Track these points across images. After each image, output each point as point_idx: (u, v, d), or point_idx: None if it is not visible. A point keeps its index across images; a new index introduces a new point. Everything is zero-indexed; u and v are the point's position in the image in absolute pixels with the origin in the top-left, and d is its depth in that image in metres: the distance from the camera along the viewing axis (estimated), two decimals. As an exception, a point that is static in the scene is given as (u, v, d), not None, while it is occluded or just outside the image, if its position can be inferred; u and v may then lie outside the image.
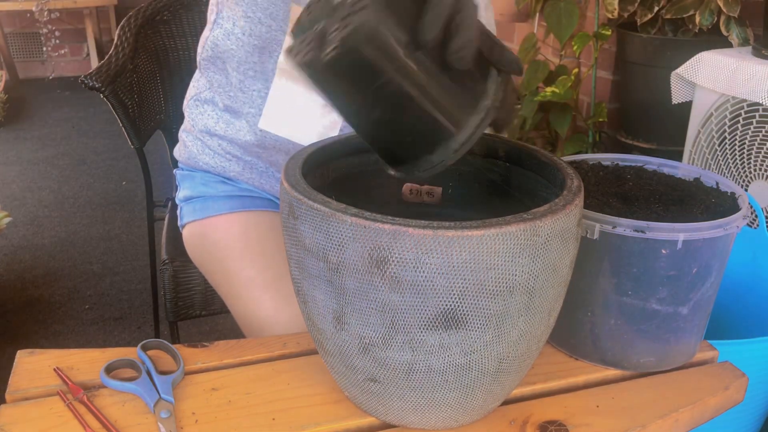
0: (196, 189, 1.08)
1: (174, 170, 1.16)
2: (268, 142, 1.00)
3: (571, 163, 0.85)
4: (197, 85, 1.09)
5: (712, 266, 0.73)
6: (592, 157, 0.87)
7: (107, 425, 0.66)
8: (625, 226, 0.69)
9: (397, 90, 0.54)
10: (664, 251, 0.70)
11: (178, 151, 1.13)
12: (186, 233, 1.10)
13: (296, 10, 0.90)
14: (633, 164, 0.87)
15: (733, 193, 0.79)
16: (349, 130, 0.98)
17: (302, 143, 0.98)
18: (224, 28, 0.98)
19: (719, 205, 0.77)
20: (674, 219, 0.73)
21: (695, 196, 0.79)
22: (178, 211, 1.12)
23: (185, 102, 1.12)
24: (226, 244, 1.02)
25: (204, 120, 1.05)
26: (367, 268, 0.57)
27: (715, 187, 0.81)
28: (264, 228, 1.03)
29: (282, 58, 0.95)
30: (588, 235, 0.71)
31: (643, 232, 0.69)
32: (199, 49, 1.07)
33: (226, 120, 1.03)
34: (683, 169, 0.85)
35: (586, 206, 0.72)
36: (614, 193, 0.79)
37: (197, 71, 1.11)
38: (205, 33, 1.03)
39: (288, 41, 0.94)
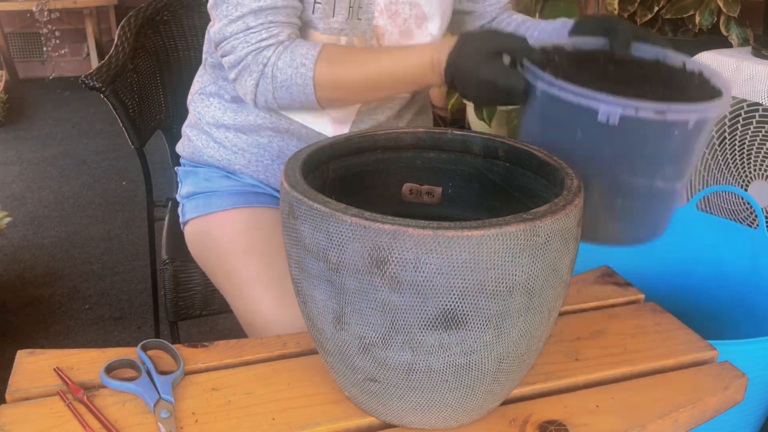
0: (199, 185, 1.08)
1: (175, 168, 1.16)
2: (282, 126, 1.01)
3: (544, 53, 0.83)
4: (201, 80, 1.09)
5: (701, 144, 0.76)
6: (552, 43, 0.88)
7: (107, 425, 0.66)
8: (648, 109, 0.70)
9: None
10: (676, 132, 0.72)
11: (181, 147, 1.13)
12: (188, 230, 1.09)
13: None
14: (595, 47, 0.88)
15: (701, 72, 0.82)
16: (362, 125, 1.00)
17: (316, 129, 1.00)
18: None
19: (693, 85, 0.80)
20: (668, 100, 0.73)
21: (678, 79, 0.81)
22: (179, 209, 1.12)
23: (189, 97, 1.12)
24: (229, 240, 1.02)
25: (211, 112, 1.06)
26: (367, 268, 0.57)
27: (682, 66, 0.84)
28: (267, 225, 1.03)
29: None
30: (607, 121, 0.71)
31: (663, 114, 0.70)
32: (206, 47, 1.08)
33: (234, 109, 1.04)
34: (645, 50, 0.88)
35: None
36: (602, 78, 0.80)
37: (201, 68, 1.11)
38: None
39: None
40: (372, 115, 1.04)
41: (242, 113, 1.03)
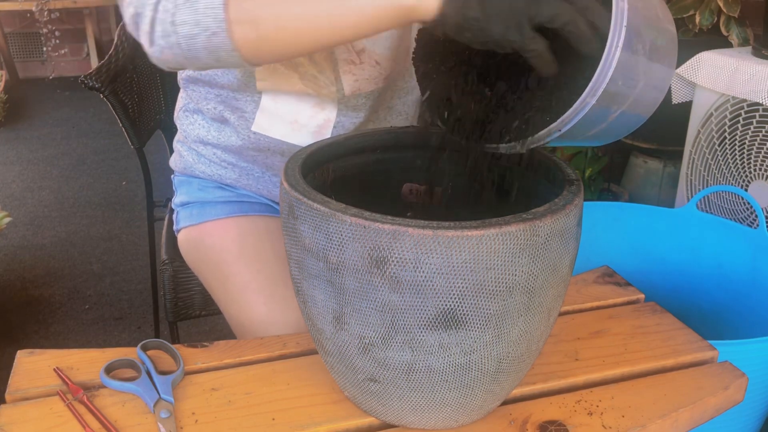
0: (193, 194, 1.08)
1: (172, 176, 1.16)
2: (262, 145, 0.99)
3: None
4: (183, 98, 1.09)
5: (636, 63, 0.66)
6: None
7: (107, 425, 0.66)
8: (549, 134, 0.64)
9: None
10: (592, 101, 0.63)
11: (174, 162, 1.13)
12: (181, 237, 1.09)
13: None
14: None
15: None
16: (342, 130, 0.98)
17: (296, 143, 0.98)
18: None
19: None
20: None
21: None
22: (174, 216, 1.12)
23: (176, 113, 1.11)
24: (221, 248, 1.02)
25: (196, 130, 1.05)
26: (367, 268, 0.57)
27: None
28: (260, 232, 1.03)
29: (260, 84, 0.95)
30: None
31: (566, 123, 0.63)
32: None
33: (216, 127, 1.03)
34: None
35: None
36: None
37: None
38: None
39: (259, 70, 0.93)
40: (352, 120, 0.98)
41: (224, 134, 1.02)
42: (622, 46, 0.59)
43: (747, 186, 1.65)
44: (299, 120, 0.97)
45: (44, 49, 4.46)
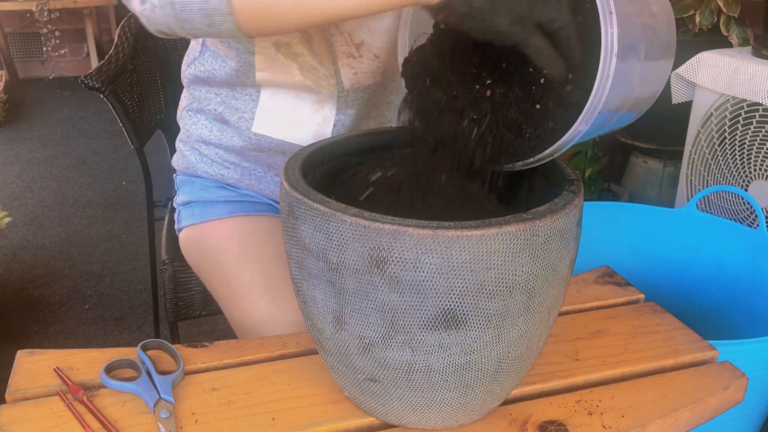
0: (195, 194, 1.08)
1: (174, 175, 1.16)
2: (263, 145, 0.99)
3: None
4: (186, 98, 1.09)
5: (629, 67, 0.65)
6: None
7: (107, 425, 0.66)
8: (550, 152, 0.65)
9: None
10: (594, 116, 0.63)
11: (176, 161, 1.13)
12: (183, 237, 1.09)
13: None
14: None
15: None
16: (343, 127, 0.98)
17: (297, 143, 0.98)
18: (206, 59, 0.99)
19: None
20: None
21: None
22: (175, 215, 1.12)
23: (178, 113, 1.11)
24: (224, 248, 1.02)
25: (198, 130, 1.05)
26: (367, 268, 0.57)
27: None
28: (262, 232, 1.03)
29: (258, 76, 0.94)
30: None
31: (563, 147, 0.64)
32: (183, 67, 1.07)
33: (218, 128, 1.03)
34: None
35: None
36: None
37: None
38: (189, 57, 1.04)
39: (259, 60, 0.92)
40: (352, 117, 0.97)
41: (226, 134, 1.02)
42: (613, 75, 0.59)
43: (747, 186, 1.65)
44: (299, 118, 0.96)
45: (44, 49, 4.46)
